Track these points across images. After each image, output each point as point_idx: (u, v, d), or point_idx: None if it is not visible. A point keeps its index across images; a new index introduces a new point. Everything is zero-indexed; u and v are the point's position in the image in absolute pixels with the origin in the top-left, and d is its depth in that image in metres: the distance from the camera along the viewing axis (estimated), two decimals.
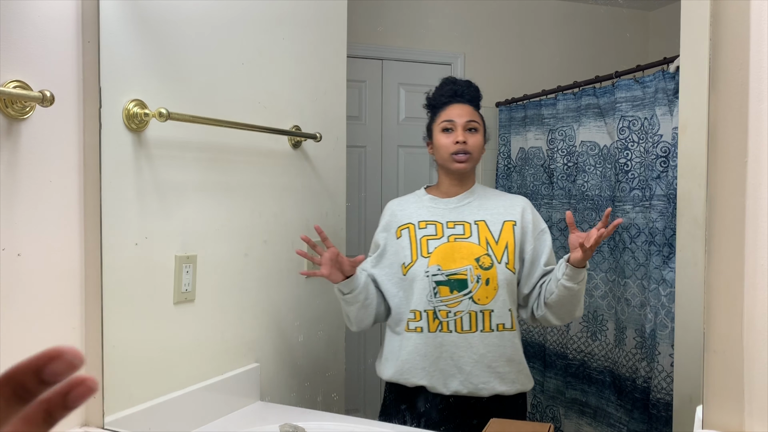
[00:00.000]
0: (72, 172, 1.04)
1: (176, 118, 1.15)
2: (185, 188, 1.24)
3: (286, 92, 1.53)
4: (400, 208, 1.47)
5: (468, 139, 1.40)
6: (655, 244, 1.68)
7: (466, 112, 1.42)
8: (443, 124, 1.43)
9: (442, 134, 1.43)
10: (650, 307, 1.68)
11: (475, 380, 1.33)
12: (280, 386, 1.49)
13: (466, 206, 1.42)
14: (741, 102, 0.77)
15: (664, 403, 1.60)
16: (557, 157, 2.09)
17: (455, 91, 1.46)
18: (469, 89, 1.47)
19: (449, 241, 1.37)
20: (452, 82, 1.49)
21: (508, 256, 1.36)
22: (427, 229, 1.40)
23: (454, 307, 1.33)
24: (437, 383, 1.35)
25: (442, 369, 1.34)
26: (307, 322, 1.61)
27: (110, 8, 1.08)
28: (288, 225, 1.53)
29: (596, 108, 1.95)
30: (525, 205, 1.43)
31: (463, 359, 1.33)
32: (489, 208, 1.42)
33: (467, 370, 1.33)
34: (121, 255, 1.10)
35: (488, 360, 1.33)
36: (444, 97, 1.47)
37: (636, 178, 1.79)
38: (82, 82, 1.05)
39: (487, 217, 1.40)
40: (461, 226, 1.39)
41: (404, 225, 1.42)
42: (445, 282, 1.34)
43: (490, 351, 1.34)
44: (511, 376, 1.36)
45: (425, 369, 1.35)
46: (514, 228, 1.39)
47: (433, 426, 1.36)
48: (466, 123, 1.41)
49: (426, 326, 1.35)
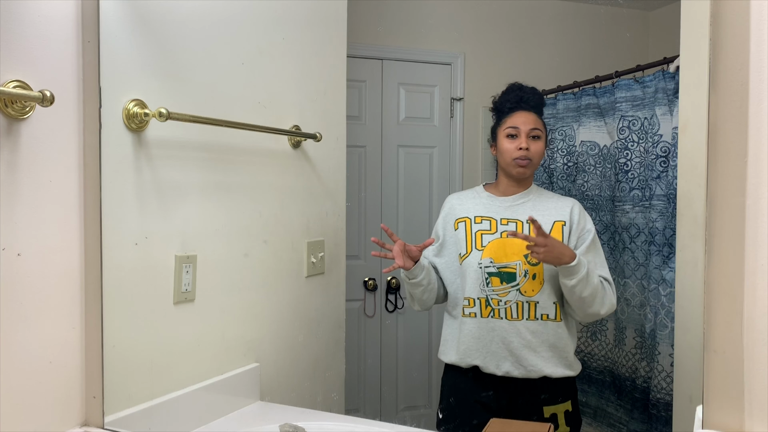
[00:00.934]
0: (72, 172, 1.04)
1: (176, 118, 1.15)
2: (185, 188, 1.24)
3: (286, 92, 1.53)
4: (459, 202, 1.58)
5: (531, 145, 1.48)
6: (655, 244, 1.68)
7: (531, 120, 1.51)
8: (508, 130, 1.51)
9: (506, 139, 1.51)
10: (650, 307, 1.68)
11: (524, 363, 1.45)
12: (280, 386, 1.49)
13: (521, 206, 1.51)
14: (741, 102, 0.77)
15: (664, 403, 1.60)
16: (557, 156, 2.09)
17: (521, 98, 1.54)
18: (534, 96, 1.55)
19: (502, 236, 1.48)
20: (518, 88, 1.56)
21: None
22: (482, 224, 1.51)
23: (503, 297, 1.45)
24: (490, 364, 1.47)
25: (494, 351, 1.46)
26: (307, 322, 1.61)
27: (110, 8, 1.08)
28: (288, 225, 1.53)
29: (596, 108, 1.95)
30: (575, 206, 1.51)
31: (512, 344, 1.45)
32: (541, 208, 1.50)
33: (516, 353, 1.44)
34: (121, 255, 1.10)
35: (534, 345, 1.44)
36: (510, 102, 1.54)
37: (636, 178, 1.79)
38: (82, 82, 1.05)
39: (538, 217, 1.45)
40: (514, 224, 1.49)
41: (461, 218, 1.54)
42: (496, 273, 1.46)
43: (535, 337, 1.44)
44: (554, 360, 1.45)
45: (479, 351, 1.47)
46: (563, 228, 1.47)
47: (484, 403, 1.49)
48: (530, 130, 1.49)
49: (479, 312, 1.47)
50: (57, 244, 1.01)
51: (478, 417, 1.48)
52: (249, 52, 1.40)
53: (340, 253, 1.73)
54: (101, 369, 1.06)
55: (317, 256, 1.63)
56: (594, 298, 1.41)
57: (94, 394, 1.06)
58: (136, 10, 1.14)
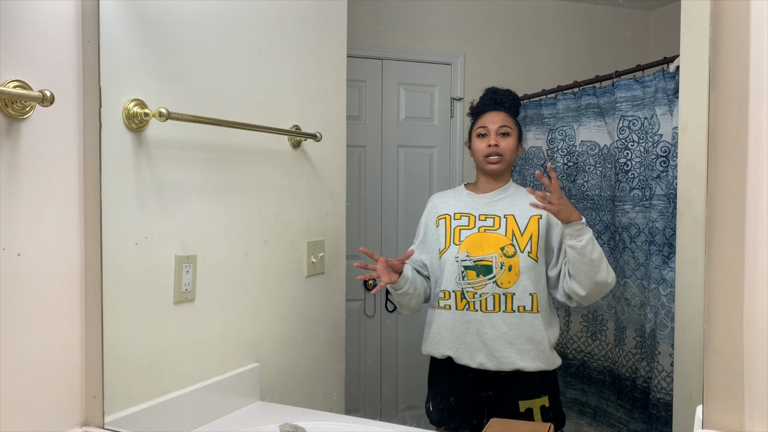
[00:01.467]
0: (72, 172, 1.04)
1: (176, 118, 1.15)
2: (185, 188, 1.24)
3: (286, 92, 1.53)
4: (441, 200, 1.64)
5: (500, 142, 1.55)
6: (655, 243, 1.68)
7: (500, 119, 1.57)
8: (479, 129, 1.58)
9: (477, 139, 1.58)
10: (650, 306, 1.68)
11: (498, 354, 1.48)
12: (280, 386, 1.50)
13: (498, 202, 1.57)
14: (741, 102, 0.77)
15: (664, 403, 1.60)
16: (557, 156, 2.09)
17: (494, 100, 1.61)
18: (507, 97, 1.61)
19: (479, 231, 1.54)
20: (493, 91, 1.64)
21: (532, 246, 1.49)
22: (461, 220, 1.57)
23: (479, 289, 1.50)
24: (463, 355, 1.51)
25: (468, 343, 1.51)
26: (307, 322, 1.61)
27: (110, 8, 1.08)
28: (288, 225, 1.53)
29: (596, 108, 1.95)
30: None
31: (487, 335, 1.49)
32: (519, 204, 1.54)
33: (490, 345, 1.48)
34: (121, 255, 1.10)
35: (509, 337, 1.48)
36: (483, 105, 1.62)
37: (636, 177, 1.79)
38: (82, 82, 1.05)
39: (515, 212, 1.53)
40: (492, 219, 1.54)
41: (442, 215, 1.60)
42: (472, 267, 1.51)
43: (511, 329, 1.48)
44: (531, 353, 1.48)
45: (452, 342, 1.52)
46: (539, 221, 1.51)
47: (460, 395, 1.56)
48: (498, 128, 1.55)
49: (454, 304, 1.52)
50: (57, 244, 1.01)
51: (457, 407, 1.56)
52: (249, 52, 1.40)
53: (340, 253, 1.73)
54: (101, 369, 1.06)
55: (317, 256, 1.63)
56: (602, 262, 1.43)
57: (94, 394, 1.06)
58: (136, 10, 1.14)
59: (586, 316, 1.99)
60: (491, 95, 1.63)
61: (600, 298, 1.52)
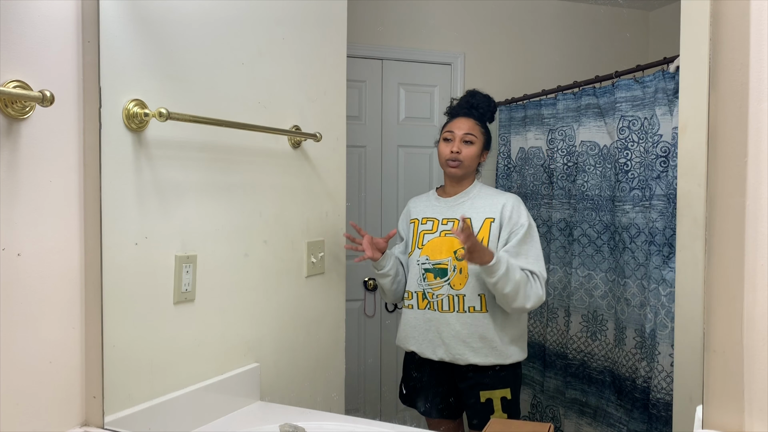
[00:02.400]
0: (72, 172, 1.04)
1: (176, 118, 1.15)
2: (185, 188, 1.24)
3: (286, 92, 1.53)
4: (414, 204, 1.73)
5: (462, 149, 1.61)
6: (655, 244, 1.68)
7: (467, 126, 1.63)
8: (445, 134, 1.66)
9: (443, 143, 1.66)
10: (650, 307, 1.68)
11: (453, 351, 1.58)
12: (280, 386, 1.49)
13: (460, 205, 1.64)
14: (741, 102, 0.77)
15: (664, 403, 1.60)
16: (557, 157, 2.09)
17: (469, 104, 1.67)
18: (481, 103, 1.66)
19: (441, 235, 1.62)
20: (470, 95, 1.69)
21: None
22: (426, 224, 1.66)
23: (437, 291, 1.60)
24: (426, 350, 1.63)
25: (431, 339, 1.62)
26: (307, 322, 1.61)
27: (110, 8, 1.08)
28: (288, 225, 1.53)
29: (596, 108, 1.95)
30: (507, 202, 1.60)
31: (444, 333, 1.59)
32: (477, 206, 1.62)
33: (447, 342, 1.59)
34: (121, 255, 1.10)
35: (463, 336, 1.57)
36: (457, 108, 1.68)
37: (636, 178, 1.79)
38: (82, 82, 1.05)
39: (472, 215, 1.60)
40: (451, 223, 1.62)
41: (413, 219, 1.70)
42: (431, 269, 1.61)
43: (464, 328, 1.58)
44: (483, 350, 1.57)
45: (415, 338, 1.64)
46: (491, 225, 1.58)
47: (424, 385, 1.68)
48: (463, 135, 1.62)
49: (416, 304, 1.63)
50: (57, 244, 1.01)
51: (423, 393, 1.69)
52: (249, 52, 1.40)
53: (340, 253, 1.73)
54: (101, 369, 1.06)
55: (317, 256, 1.63)
56: (516, 294, 1.50)
57: (94, 394, 1.06)
58: (136, 10, 1.14)
59: (586, 316, 1.99)
60: (468, 99, 1.68)
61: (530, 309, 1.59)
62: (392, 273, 1.66)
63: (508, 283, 1.48)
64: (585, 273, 1.98)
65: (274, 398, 1.45)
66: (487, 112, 1.68)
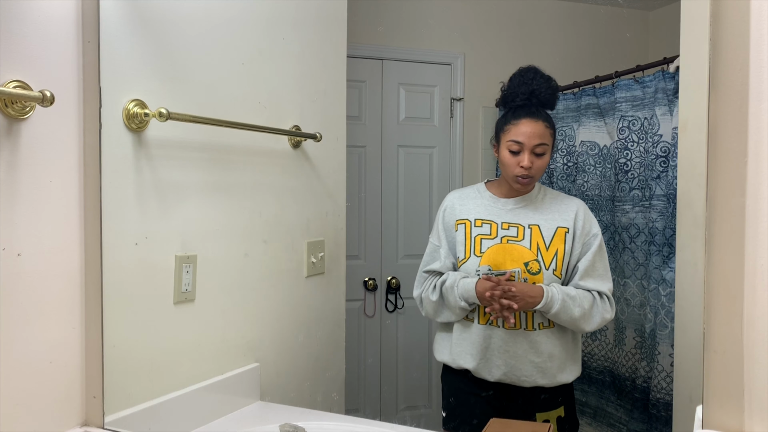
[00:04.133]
0: (72, 172, 1.04)
1: (176, 118, 1.15)
2: (185, 188, 1.24)
3: (286, 92, 1.53)
4: (460, 202, 1.50)
5: (534, 162, 1.37)
6: (655, 244, 1.68)
7: (537, 133, 1.37)
8: (510, 144, 1.39)
9: (507, 153, 1.40)
10: (650, 307, 1.68)
11: (518, 373, 1.40)
12: (280, 386, 1.49)
13: (523, 209, 1.44)
14: (741, 102, 0.77)
15: (664, 403, 1.60)
16: (557, 157, 2.09)
17: (532, 92, 1.39)
18: (547, 92, 1.40)
19: (502, 242, 1.41)
20: (530, 77, 1.41)
21: (557, 263, 1.39)
22: (482, 227, 1.43)
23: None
24: (482, 370, 1.43)
25: (489, 358, 1.42)
26: (307, 322, 1.61)
27: (110, 8, 1.08)
28: (288, 225, 1.53)
29: (596, 108, 1.95)
30: (578, 209, 1.44)
31: (508, 353, 1.40)
32: (545, 212, 1.43)
33: (511, 363, 1.40)
34: (121, 255, 1.10)
35: (531, 355, 1.40)
36: (519, 98, 1.40)
37: (636, 178, 1.79)
38: (82, 82, 1.05)
39: (541, 222, 1.41)
40: (515, 229, 1.41)
41: (461, 220, 1.47)
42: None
43: (532, 348, 1.40)
44: (552, 370, 1.41)
45: (472, 355, 1.43)
46: (566, 235, 1.41)
47: (476, 405, 1.47)
48: (534, 146, 1.37)
49: (476, 318, 1.42)
50: (57, 244, 1.01)
51: (476, 417, 1.46)
52: (249, 53, 1.40)
53: (340, 253, 1.73)
54: (101, 369, 1.06)
55: (317, 256, 1.63)
56: (577, 322, 1.38)
57: (94, 394, 1.06)
58: (136, 10, 1.14)
59: None
60: (528, 84, 1.39)
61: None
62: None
63: (565, 315, 1.36)
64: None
65: (274, 398, 1.45)
66: (551, 99, 1.41)
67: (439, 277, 1.49)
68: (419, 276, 1.54)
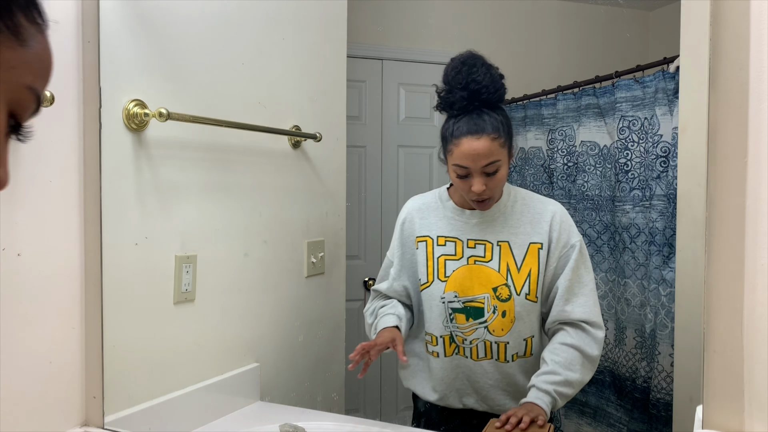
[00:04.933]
0: (72, 172, 1.04)
1: (176, 118, 1.15)
2: (185, 188, 1.24)
3: (286, 92, 1.53)
4: (420, 214, 1.33)
5: (487, 183, 1.18)
6: (655, 244, 1.68)
7: (483, 153, 1.15)
8: (455, 168, 1.19)
9: (456, 176, 1.20)
10: (650, 307, 1.68)
11: (491, 402, 1.30)
12: (280, 386, 1.49)
13: (490, 223, 1.27)
14: (741, 102, 0.77)
15: (664, 403, 1.60)
16: (557, 157, 2.09)
17: (471, 94, 1.18)
18: (489, 88, 1.20)
19: (468, 263, 1.27)
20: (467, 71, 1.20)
21: (530, 286, 1.24)
22: (446, 246, 1.28)
23: (469, 335, 1.26)
24: (451, 399, 1.32)
25: (458, 388, 1.31)
26: (307, 322, 1.61)
27: (110, 8, 1.08)
28: (288, 225, 1.53)
29: (596, 108, 1.95)
30: (554, 218, 1.26)
31: (478, 384, 1.29)
32: (515, 225, 1.26)
33: (483, 393, 1.30)
34: (121, 255, 1.10)
35: (503, 385, 1.29)
36: (456, 103, 1.19)
37: (636, 178, 1.79)
38: (82, 82, 1.05)
39: (511, 238, 1.25)
40: (482, 246, 1.26)
41: (422, 237, 1.31)
42: (461, 309, 1.26)
43: (505, 378, 1.28)
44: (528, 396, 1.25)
45: (439, 390, 1.32)
46: (539, 252, 1.24)
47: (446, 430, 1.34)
48: (483, 167, 1.17)
49: (442, 351, 1.30)
50: (57, 244, 1.01)
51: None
52: (249, 52, 1.40)
53: (340, 253, 1.73)
54: (101, 369, 1.06)
55: (317, 256, 1.63)
56: (581, 384, 1.24)
57: (94, 394, 1.06)
58: (136, 10, 1.14)
59: None
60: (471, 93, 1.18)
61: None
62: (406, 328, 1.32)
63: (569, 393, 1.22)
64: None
65: (274, 398, 1.45)
66: (495, 95, 1.20)
67: (383, 301, 1.36)
68: (371, 291, 1.41)
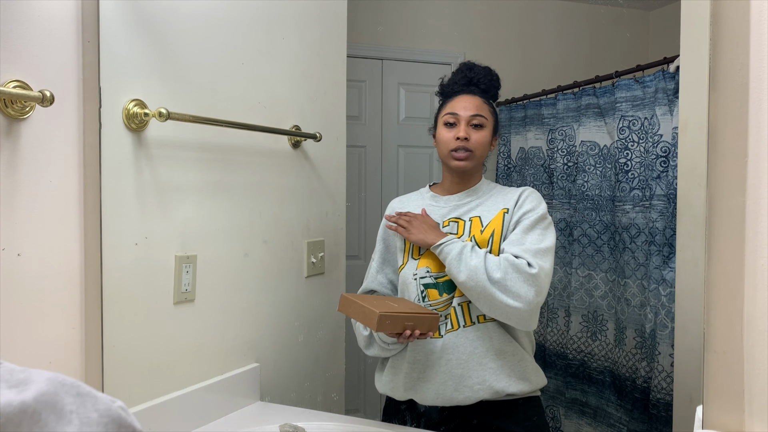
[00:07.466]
0: (72, 172, 1.04)
1: (176, 118, 1.15)
2: (185, 188, 1.24)
3: (286, 92, 1.53)
4: (401, 206, 1.40)
5: (471, 134, 1.28)
6: (655, 244, 1.68)
7: (473, 105, 1.30)
8: (446, 117, 1.31)
9: (444, 128, 1.31)
10: (650, 307, 1.68)
11: (468, 381, 1.22)
12: (280, 386, 1.49)
13: (466, 205, 1.32)
14: (741, 102, 0.77)
15: (664, 403, 1.60)
16: (557, 156, 2.09)
17: (469, 79, 1.34)
18: (485, 78, 1.35)
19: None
20: (468, 68, 1.36)
21: (493, 243, 1.24)
22: None
23: (444, 310, 1.24)
24: (428, 394, 1.26)
25: (431, 378, 1.26)
26: (307, 322, 1.61)
27: (110, 8, 1.08)
28: (288, 225, 1.53)
29: (596, 108, 1.95)
30: (523, 192, 1.30)
31: (452, 362, 1.23)
32: (489, 203, 1.31)
33: (457, 373, 1.22)
34: (121, 255, 1.10)
35: (478, 355, 1.22)
36: (456, 85, 1.35)
37: (636, 178, 1.79)
38: (82, 82, 1.05)
39: (483, 213, 1.29)
40: (455, 224, 1.29)
41: None
42: (433, 285, 1.25)
43: (479, 345, 1.22)
44: (505, 370, 1.22)
45: (413, 379, 1.28)
46: (504, 215, 1.27)
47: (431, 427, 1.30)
48: (470, 117, 1.29)
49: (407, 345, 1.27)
50: (57, 244, 1.01)
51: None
52: (249, 52, 1.40)
53: (340, 253, 1.73)
54: (101, 369, 1.06)
55: (317, 256, 1.63)
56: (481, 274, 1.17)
57: None
58: (136, 10, 1.14)
59: (586, 316, 1.99)
60: (466, 72, 1.35)
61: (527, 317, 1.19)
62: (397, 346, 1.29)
63: (462, 265, 1.19)
64: (585, 273, 1.98)
65: (274, 398, 1.45)
66: (491, 86, 1.35)
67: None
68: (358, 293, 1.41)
